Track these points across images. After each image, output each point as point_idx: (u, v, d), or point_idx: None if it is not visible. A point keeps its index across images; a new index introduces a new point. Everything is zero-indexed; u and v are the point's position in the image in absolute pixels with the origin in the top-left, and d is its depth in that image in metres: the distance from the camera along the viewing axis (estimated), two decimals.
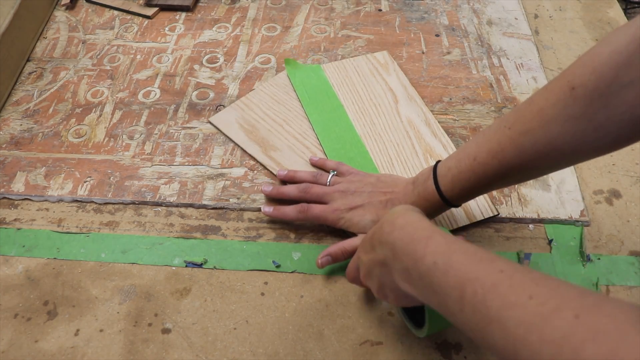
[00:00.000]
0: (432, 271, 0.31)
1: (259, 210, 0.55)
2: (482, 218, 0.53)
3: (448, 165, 0.45)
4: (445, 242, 0.33)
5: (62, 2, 0.81)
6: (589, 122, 0.36)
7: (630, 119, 0.35)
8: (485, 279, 0.28)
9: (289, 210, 0.52)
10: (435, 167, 0.46)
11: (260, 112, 0.63)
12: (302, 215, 0.51)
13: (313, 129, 0.61)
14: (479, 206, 0.53)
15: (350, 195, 0.50)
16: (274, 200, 0.55)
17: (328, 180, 0.53)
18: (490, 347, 0.27)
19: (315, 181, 0.53)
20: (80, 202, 0.56)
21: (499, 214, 0.53)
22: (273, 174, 0.57)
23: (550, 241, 0.52)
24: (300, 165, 0.58)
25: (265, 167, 0.58)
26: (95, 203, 0.56)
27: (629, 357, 0.21)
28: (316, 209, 0.51)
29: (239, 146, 0.60)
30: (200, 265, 0.51)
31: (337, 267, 0.50)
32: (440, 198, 0.45)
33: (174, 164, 0.59)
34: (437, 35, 0.74)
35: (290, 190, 0.53)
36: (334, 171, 0.54)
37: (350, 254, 0.48)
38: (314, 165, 0.57)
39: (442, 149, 0.59)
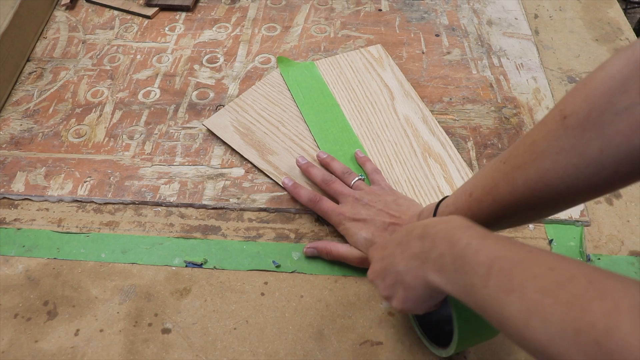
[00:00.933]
0: (464, 251, 0.31)
1: (259, 210, 0.55)
2: None
3: (447, 201, 0.43)
4: (482, 230, 0.33)
5: (62, 2, 0.81)
6: (581, 156, 0.33)
7: (626, 151, 0.31)
8: (513, 257, 0.29)
9: (303, 193, 0.53)
10: (440, 201, 0.45)
11: (255, 114, 0.63)
12: (311, 204, 0.52)
13: (309, 129, 0.61)
14: None
15: (360, 206, 0.50)
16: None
17: (353, 181, 0.53)
18: (503, 320, 0.28)
19: (342, 178, 0.54)
20: (80, 202, 0.56)
21: None
22: (271, 178, 0.57)
23: (550, 241, 0.52)
24: (298, 169, 0.57)
25: (262, 172, 0.58)
26: (95, 203, 0.56)
27: (629, 310, 0.22)
28: (325, 204, 0.52)
29: (235, 151, 0.60)
30: (200, 265, 0.51)
31: (337, 267, 0.50)
32: None
33: (174, 164, 0.59)
34: (437, 35, 0.74)
35: (316, 174, 0.54)
36: (362, 175, 0.55)
37: (333, 257, 0.50)
38: (357, 159, 0.57)
39: (441, 147, 0.59)
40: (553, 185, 0.35)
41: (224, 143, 0.61)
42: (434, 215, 0.44)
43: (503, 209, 0.38)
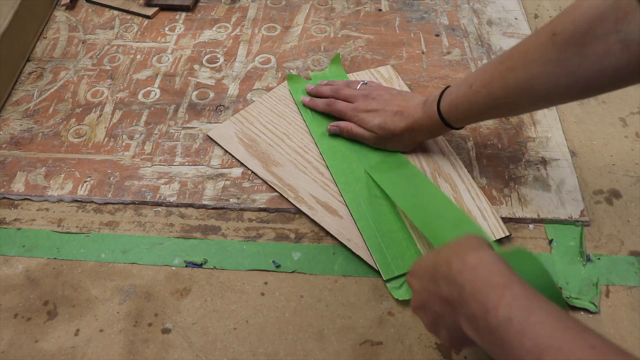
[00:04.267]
0: (505, 327, 0.28)
1: (259, 210, 0.55)
2: (494, 239, 0.51)
3: (450, 90, 0.51)
4: (524, 296, 0.29)
5: (62, 2, 0.81)
6: (563, 67, 0.41)
7: (598, 69, 0.39)
8: (570, 352, 0.25)
9: (320, 102, 0.62)
10: (443, 90, 0.52)
11: (260, 126, 0.62)
12: (327, 108, 0.61)
13: (317, 147, 0.59)
14: (490, 226, 0.52)
15: (370, 100, 0.57)
16: None
17: (358, 86, 0.61)
18: None
19: (348, 86, 0.62)
20: (80, 202, 0.56)
21: (510, 235, 0.51)
22: (275, 189, 0.56)
23: (550, 241, 0.52)
24: (302, 181, 0.56)
25: (266, 183, 0.57)
26: (95, 203, 0.56)
27: None
28: (340, 104, 0.60)
29: (239, 161, 0.59)
30: (200, 265, 0.51)
31: (337, 267, 0.50)
32: (440, 119, 0.52)
33: (174, 164, 0.59)
34: (437, 35, 0.74)
35: (325, 89, 0.63)
36: (365, 82, 0.61)
37: (352, 135, 0.58)
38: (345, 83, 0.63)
39: (451, 167, 0.57)
40: (537, 87, 0.43)
41: None
42: (438, 103, 0.51)
43: (495, 101, 0.47)
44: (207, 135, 0.61)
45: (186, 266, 0.51)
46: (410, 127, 0.54)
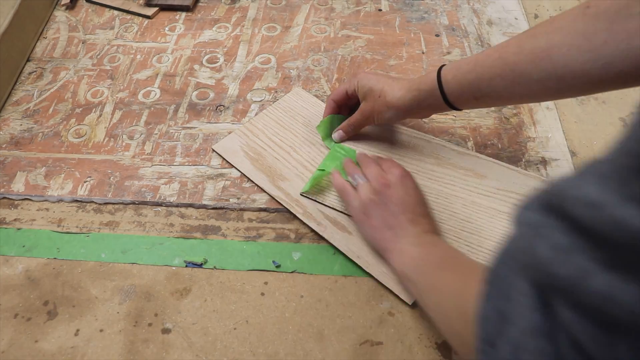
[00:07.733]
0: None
1: (259, 210, 0.55)
2: None
3: (451, 65, 0.49)
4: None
5: (62, 2, 0.81)
6: (588, 41, 0.38)
7: (625, 48, 0.37)
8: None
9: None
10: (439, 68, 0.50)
11: (266, 139, 0.60)
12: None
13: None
14: None
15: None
16: None
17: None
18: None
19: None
20: (80, 202, 0.56)
21: None
22: (282, 204, 0.54)
23: None
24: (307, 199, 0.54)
25: (273, 199, 0.55)
26: (95, 203, 0.56)
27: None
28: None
29: (245, 176, 0.57)
30: (200, 265, 0.51)
31: (337, 267, 0.50)
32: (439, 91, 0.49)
33: (174, 164, 0.59)
34: (437, 35, 0.74)
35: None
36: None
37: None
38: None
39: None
40: (554, 57, 0.40)
41: None
42: (439, 72, 0.49)
43: (502, 67, 0.44)
44: (212, 149, 0.60)
45: (186, 266, 0.51)
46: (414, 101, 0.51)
